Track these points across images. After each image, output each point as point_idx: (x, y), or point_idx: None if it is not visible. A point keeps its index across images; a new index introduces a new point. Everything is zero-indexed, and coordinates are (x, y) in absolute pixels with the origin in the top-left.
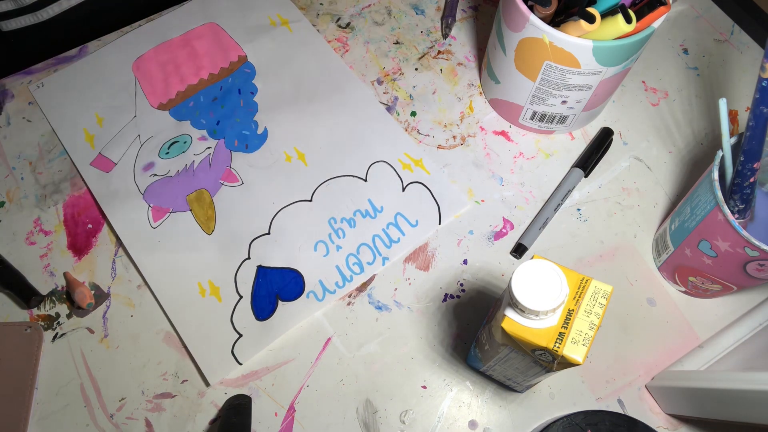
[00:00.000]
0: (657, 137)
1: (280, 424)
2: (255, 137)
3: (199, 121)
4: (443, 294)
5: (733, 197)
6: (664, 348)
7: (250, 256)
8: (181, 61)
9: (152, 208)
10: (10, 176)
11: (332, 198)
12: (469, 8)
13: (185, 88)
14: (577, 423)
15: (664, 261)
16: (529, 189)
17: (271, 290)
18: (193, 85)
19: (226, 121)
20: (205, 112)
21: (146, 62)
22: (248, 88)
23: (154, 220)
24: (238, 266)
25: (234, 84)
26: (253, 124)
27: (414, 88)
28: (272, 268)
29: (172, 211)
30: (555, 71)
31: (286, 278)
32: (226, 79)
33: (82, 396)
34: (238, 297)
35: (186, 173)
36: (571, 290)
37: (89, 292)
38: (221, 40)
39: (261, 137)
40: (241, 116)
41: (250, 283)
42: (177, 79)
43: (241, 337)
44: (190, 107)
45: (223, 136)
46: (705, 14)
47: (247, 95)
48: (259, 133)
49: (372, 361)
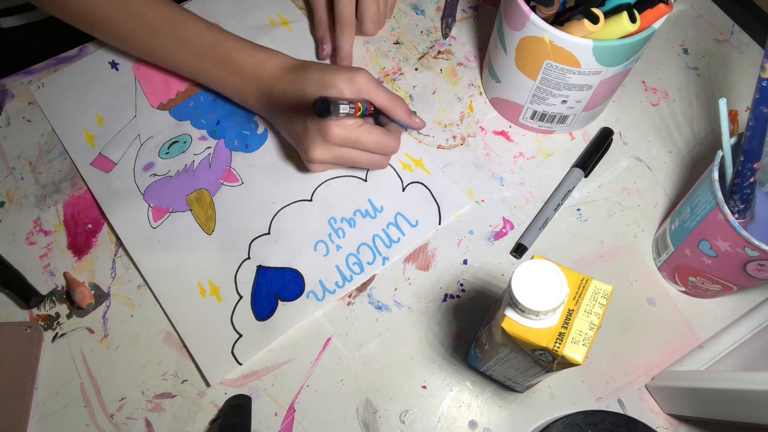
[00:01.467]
0: (657, 137)
1: (280, 424)
2: (255, 137)
3: (199, 121)
4: (443, 294)
5: (733, 197)
6: (664, 348)
7: (250, 256)
8: None
9: (152, 208)
10: (10, 176)
11: (332, 198)
12: (469, 8)
13: (185, 88)
14: (577, 423)
15: (664, 261)
16: (529, 189)
17: (271, 290)
18: (193, 85)
19: (226, 121)
20: (205, 112)
21: (147, 62)
22: None
23: (155, 220)
24: (238, 266)
25: None
26: (253, 124)
27: (414, 88)
28: (272, 268)
29: (172, 211)
30: (555, 70)
31: (286, 278)
32: None
33: (82, 396)
34: (238, 297)
35: (186, 173)
36: (571, 290)
37: (89, 292)
38: None
39: (261, 137)
40: (241, 116)
41: (250, 283)
42: (177, 79)
43: (241, 337)
44: (190, 107)
45: (223, 136)
46: (705, 14)
47: None
48: (259, 133)
49: (372, 361)
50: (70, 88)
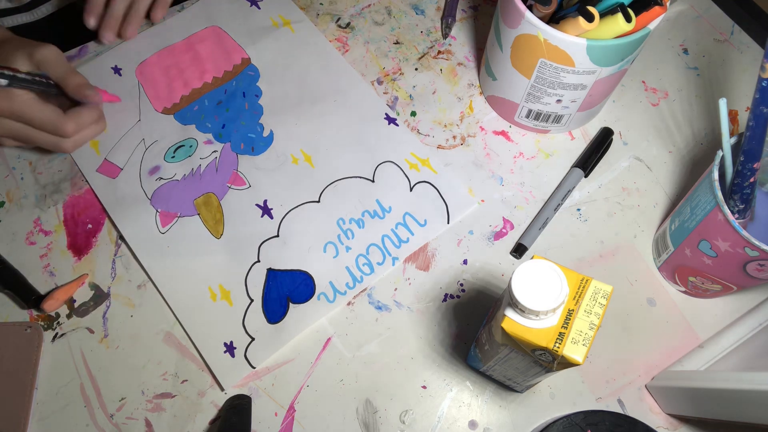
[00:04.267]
0: (657, 137)
1: (280, 424)
2: (261, 140)
3: (204, 125)
4: (443, 294)
5: (733, 197)
6: (664, 348)
7: (260, 259)
8: (185, 65)
9: (160, 213)
10: (10, 176)
11: (340, 199)
12: (469, 8)
13: (189, 92)
14: (577, 423)
15: (664, 261)
16: (529, 189)
17: (281, 293)
18: (197, 89)
19: (232, 125)
20: (210, 116)
21: (149, 67)
22: (253, 90)
23: (162, 225)
24: (248, 269)
25: (238, 87)
26: (258, 127)
27: (414, 88)
28: (282, 270)
29: (180, 216)
30: (549, 69)
31: (296, 280)
32: (230, 82)
33: (82, 396)
34: (249, 300)
35: (193, 177)
36: (571, 290)
37: (62, 301)
38: (224, 43)
39: (267, 140)
40: (247, 119)
41: (260, 286)
42: (181, 83)
43: (254, 341)
44: (195, 111)
45: (228, 140)
46: (705, 14)
47: (251, 98)
48: (265, 136)
49: (372, 361)
50: None
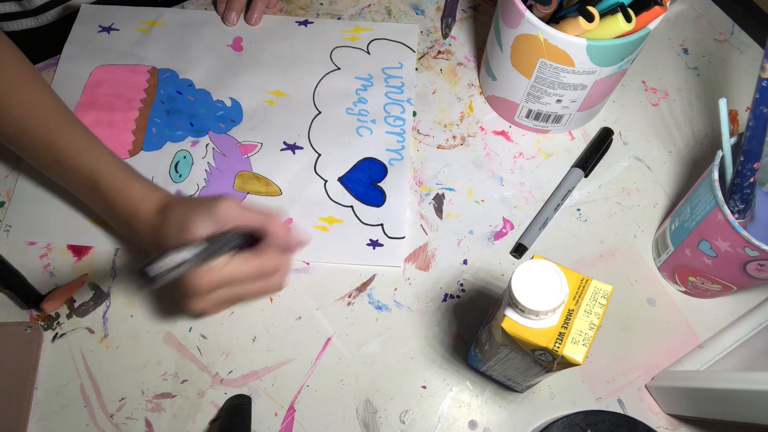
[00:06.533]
0: (657, 137)
1: (280, 424)
2: (232, 110)
3: (175, 134)
4: (443, 294)
5: (733, 197)
6: (664, 348)
7: (325, 179)
8: (108, 110)
9: None
10: (9, 176)
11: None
12: (469, 8)
13: (135, 125)
14: (577, 423)
15: (664, 261)
16: (529, 189)
17: (365, 183)
18: (138, 117)
19: (196, 119)
20: (172, 125)
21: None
22: (182, 85)
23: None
24: (325, 193)
25: (167, 92)
26: (218, 103)
27: (414, 88)
28: (348, 172)
29: None
30: (549, 69)
31: (363, 167)
32: (158, 92)
33: (82, 396)
34: (351, 210)
35: (212, 175)
36: (571, 290)
37: (61, 302)
38: (117, 74)
39: (236, 107)
40: (202, 106)
41: (346, 194)
42: (120, 125)
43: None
44: (155, 133)
45: (208, 129)
46: (705, 14)
47: (188, 90)
48: (230, 106)
49: (372, 361)
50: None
